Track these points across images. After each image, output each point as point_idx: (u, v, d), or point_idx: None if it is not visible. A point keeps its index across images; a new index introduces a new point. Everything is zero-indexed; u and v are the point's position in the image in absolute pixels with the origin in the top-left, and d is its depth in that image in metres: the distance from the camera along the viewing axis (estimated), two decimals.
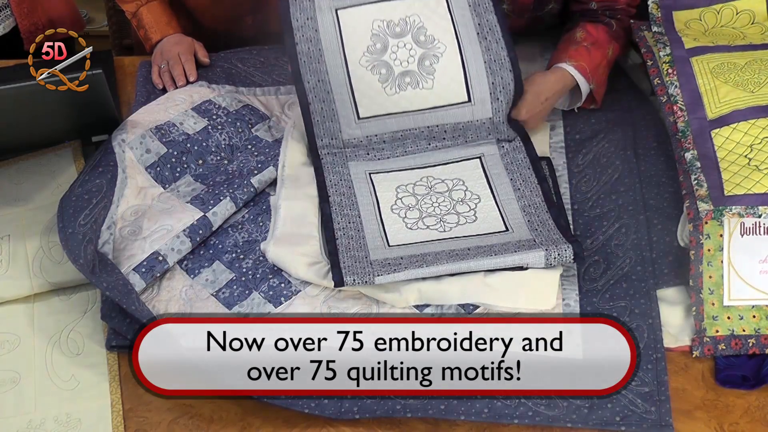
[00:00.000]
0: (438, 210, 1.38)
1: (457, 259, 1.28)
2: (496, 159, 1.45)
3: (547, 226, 1.34)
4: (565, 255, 1.27)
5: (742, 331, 1.24)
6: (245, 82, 1.66)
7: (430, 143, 1.46)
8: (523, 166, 1.43)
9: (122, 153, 1.47)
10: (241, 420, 1.19)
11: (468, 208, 1.39)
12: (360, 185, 1.43)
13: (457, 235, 1.34)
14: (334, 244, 1.32)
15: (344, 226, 1.35)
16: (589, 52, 1.51)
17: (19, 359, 1.25)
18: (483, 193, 1.41)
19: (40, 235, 1.38)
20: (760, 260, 1.26)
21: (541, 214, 1.36)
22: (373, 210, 1.39)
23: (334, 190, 1.41)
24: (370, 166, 1.46)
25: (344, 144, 1.46)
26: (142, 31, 1.73)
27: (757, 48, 1.44)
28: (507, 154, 1.45)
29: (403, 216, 1.38)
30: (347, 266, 1.28)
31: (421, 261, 1.28)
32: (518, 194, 1.40)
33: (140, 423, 1.19)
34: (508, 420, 1.17)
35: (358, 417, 1.17)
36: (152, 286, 1.32)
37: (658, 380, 1.20)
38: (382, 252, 1.32)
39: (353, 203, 1.39)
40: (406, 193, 1.41)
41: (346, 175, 1.44)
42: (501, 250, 1.29)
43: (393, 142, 1.46)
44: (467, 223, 1.36)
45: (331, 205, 1.38)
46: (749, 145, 1.32)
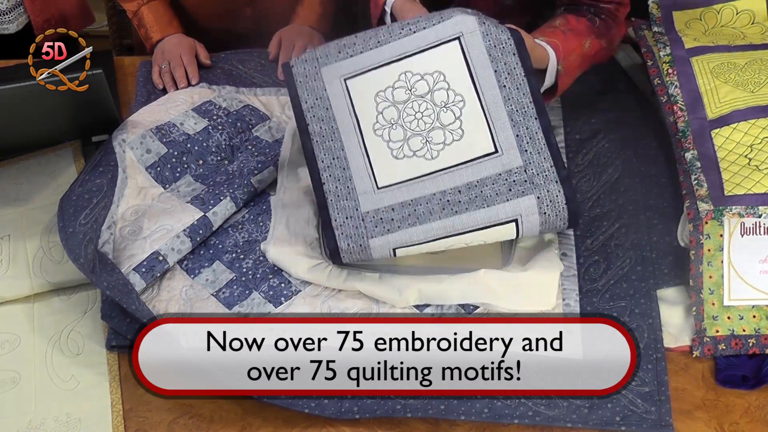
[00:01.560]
0: (422, 125, 1.30)
1: (449, 213, 1.25)
2: (477, 40, 1.32)
3: (536, 144, 1.26)
4: (557, 201, 1.24)
5: (742, 331, 1.24)
6: (246, 83, 1.66)
7: (403, 29, 1.34)
8: (507, 52, 1.30)
9: (122, 153, 1.47)
10: (241, 420, 1.19)
11: (453, 116, 1.30)
12: (337, 101, 1.33)
13: (446, 165, 1.28)
14: (322, 192, 1.28)
15: (329, 164, 1.30)
16: (565, 36, 1.42)
17: (19, 359, 1.25)
18: (467, 94, 1.30)
19: (40, 235, 1.38)
20: (760, 260, 1.26)
21: (530, 123, 1.27)
22: (354, 134, 1.31)
23: (312, 114, 1.33)
24: (343, 68, 1.34)
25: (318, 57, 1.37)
26: (143, 30, 1.72)
27: (757, 48, 1.45)
28: (488, 32, 1.32)
29: (387, 139, 1.30)
30: (339, 224, 1.26)
31: (413, 216, 1.25)
32: (504, 93, 1.28)
33: (140, 423, 1.19)
34: (508, 420, 1.17)
35: (358, 417, 1.17)
36: (152, 286, 1.32)
37: (658, 380, 1.20)
38: (371, 199, 1.27)
39: (333, 130, 1.32)
40: (386, 103, 1.32)
41: (321, 91, 1.34)
42: (493, 194, 1.25)
43: (364, 37, 1.35)
44: (454, 142, 1.29)
45: (312, 136, 1.31)
46: (749, 145, 1.32)
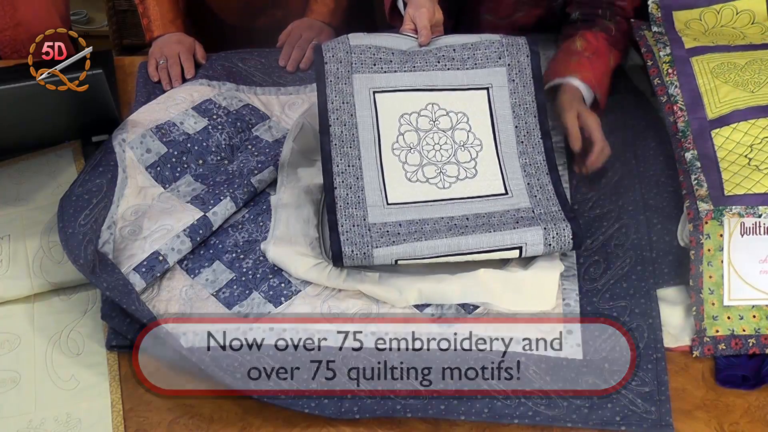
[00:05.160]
0: (439, 156, 1.33)
1: (455, 233, 1.26)
2: (504, 94, 1.39)
3: (546, 193, 1.31)
4: (564, 235, 1.26)
5: (742, 330, 1.24)
6: (246, 81, 1.66)
7: (439, 62, 1.39)
8: (529, 113, 1.38)
9: (122, 153, 1.47)
10: (241, 420, 1.19)
11: (469, 156, 1.34)
12: (362, 111, 1.35)
13: (457, 195, 1.31)
14: (333, 197, 1.29)
15: (343, 170, 1.31)
16: (591, 63, 1.49)
17: (19, 359, 1.25)
18: (486, 140, 1.36)
19: (40, 235, 1.38)
20: (760, 260, 1.26)
21: (541, 176, 1.33)
22: (373, 148, 1.33)
23: (336, 117, 1.34)
24: (375, 80, 1.37)
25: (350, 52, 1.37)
26: (145, 20, 1.74)
27: (757, 48, 1.44)
28: (516, 90, 1.39)
29: (403, 161, 1.33)
30: (345, 230, 1.26)
31: (419, 232, 1.26)
32: (521, 149, 1.35)
33: (140, 423, 1.19)
34: (508, 420, 1.17)
35: (358, 417, 1.17)
36: (152, 286, 1.32)
37: (658, 380, 1.20)
38: (380, 212, 1.29)
39: (354, 138, 1.33)
40: (409, 126, 1.35)
41: (348, 96, 1.36)
42: (499, 223, 1.27)
43: (401, 57, 1.38)
44: (467, 179, 1.32)
45: (331, 137, 1.33)
46: (749, 145, 1.32)
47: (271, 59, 1.72)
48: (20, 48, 1.73)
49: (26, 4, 1.72)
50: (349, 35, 1.38)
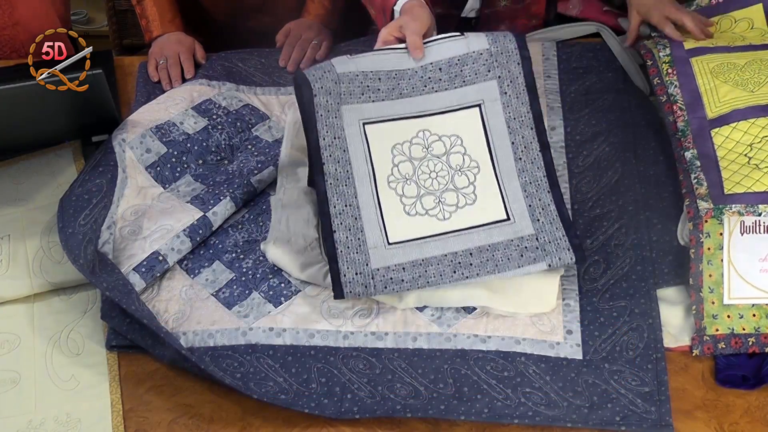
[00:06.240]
0: (436, 184, 1.30)
1: (460, 276, 1.24)
2: (497, 109, 1.35)
3: (548, 215, 1.29)
4: (566, 261, 1.27)
5: (742, 329, 1.24)
6: (246, 81, 1.66)
7: (426, 85, 1.35)
8: (525, 126, 1.34)
9: (122, 153, 1.47)
10: (241, 420, 1.19)
11: (467, 180, 1.31)
12: (354, 145, 1.31)
13: (457, 227, 1.28)
14: (333, 242, 1.25)
15: (341, 210, 1.27)
16: None
17: (19, 359, 1.25)
18: (483, 161, 1.32)
19: (40, 235, 1.38)
20: (760, 259, 1.26)
21: (542, 196, 1.30)
22: (368, 183, 1.30)
23: (329, 153, 1.29)
24: (364, 111, 1.33)
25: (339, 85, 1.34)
26: (144, 21, 1.74)
27: (758, 48, 1.45)
28: (509, 103, 1.34)
29: (400, 194, 1.30)
30: (348, 280, 1.23)
31: (423, 277, 1.24)
32: (519, 166, 1.32)
33: (140, 423, 1.19)
34: (508, 420, 1.17)
35: (358, 417, 1.17)
36: (152, 286, 1.32)
37: (658, 380, 1.20)
38: (382, 255, 1.26)
39: (348, 175, 1.29)
40: (402, 157, 1.32)
41: (339, 130, 1.32)
42: (504, 258, 1.26)
43: (388, 83, 1.35)
44: (467, 206, 1.30)
45: (326, 177, 1.28)
46: (749, 143, 1.32)
47: (271, 59, 1.72)
48: (19, 47, 1.73)
49: (25, 3, 1.72)
50: (332, 60, 1.34)
